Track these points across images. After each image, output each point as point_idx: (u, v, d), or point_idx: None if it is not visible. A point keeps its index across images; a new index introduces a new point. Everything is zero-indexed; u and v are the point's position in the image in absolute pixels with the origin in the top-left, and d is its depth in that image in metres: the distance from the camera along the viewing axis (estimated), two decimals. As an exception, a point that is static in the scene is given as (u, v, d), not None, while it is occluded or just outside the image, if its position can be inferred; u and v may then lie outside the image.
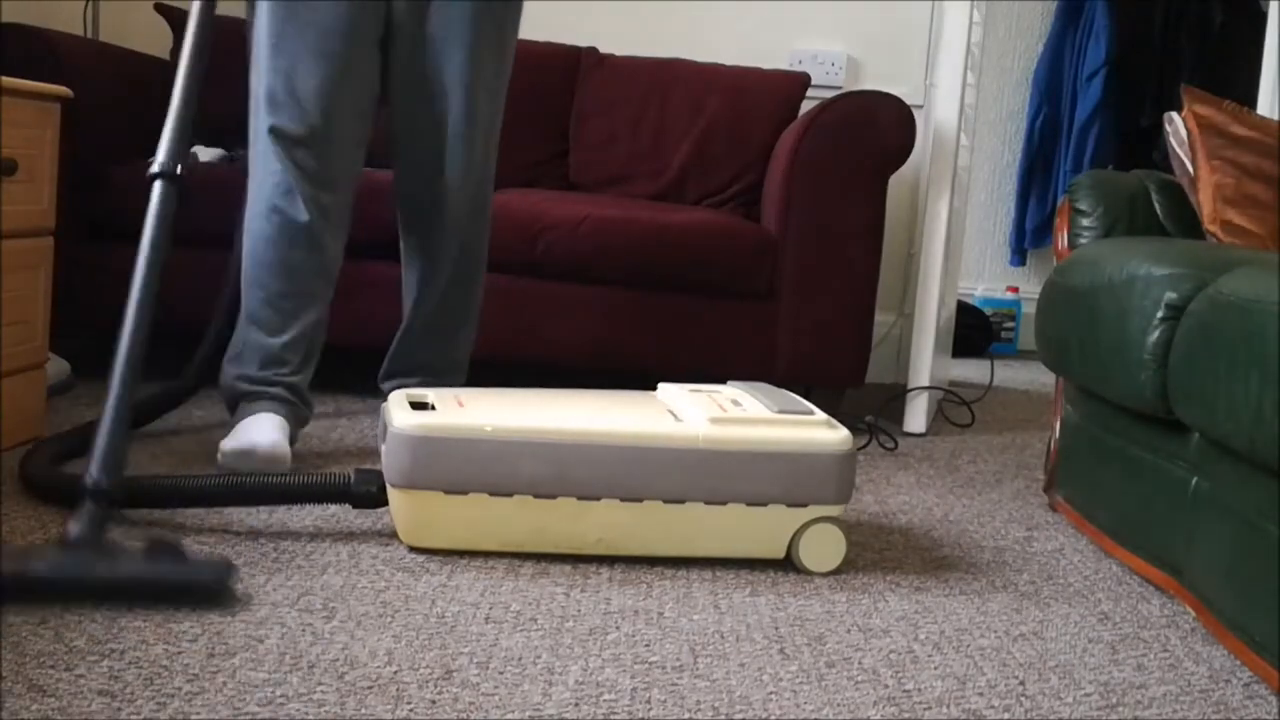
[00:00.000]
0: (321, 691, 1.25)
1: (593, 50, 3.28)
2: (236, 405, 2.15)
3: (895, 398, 2.96)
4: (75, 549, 1.49)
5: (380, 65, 2.21)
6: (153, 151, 2.74)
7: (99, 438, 1.58)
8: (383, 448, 1.74)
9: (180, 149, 1.87)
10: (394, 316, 2.44)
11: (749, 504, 1.73)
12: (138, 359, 1.69)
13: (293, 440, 2.11)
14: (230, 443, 2.01)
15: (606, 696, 1.29)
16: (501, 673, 1.33)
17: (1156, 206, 2.27)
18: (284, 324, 2.13)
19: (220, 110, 3.02)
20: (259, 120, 2.14)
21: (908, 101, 2.74)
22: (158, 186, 1.81)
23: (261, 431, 2.02)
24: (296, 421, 2.15)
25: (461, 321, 2.36)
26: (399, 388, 2.00)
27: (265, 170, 2.13)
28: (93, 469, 1.55)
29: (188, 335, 2.35)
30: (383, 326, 2.50)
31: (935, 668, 1.44)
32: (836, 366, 2.74)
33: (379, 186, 2.40)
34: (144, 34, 3.20)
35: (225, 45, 3.08)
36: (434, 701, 1.25)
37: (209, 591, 1.48)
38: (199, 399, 2.40)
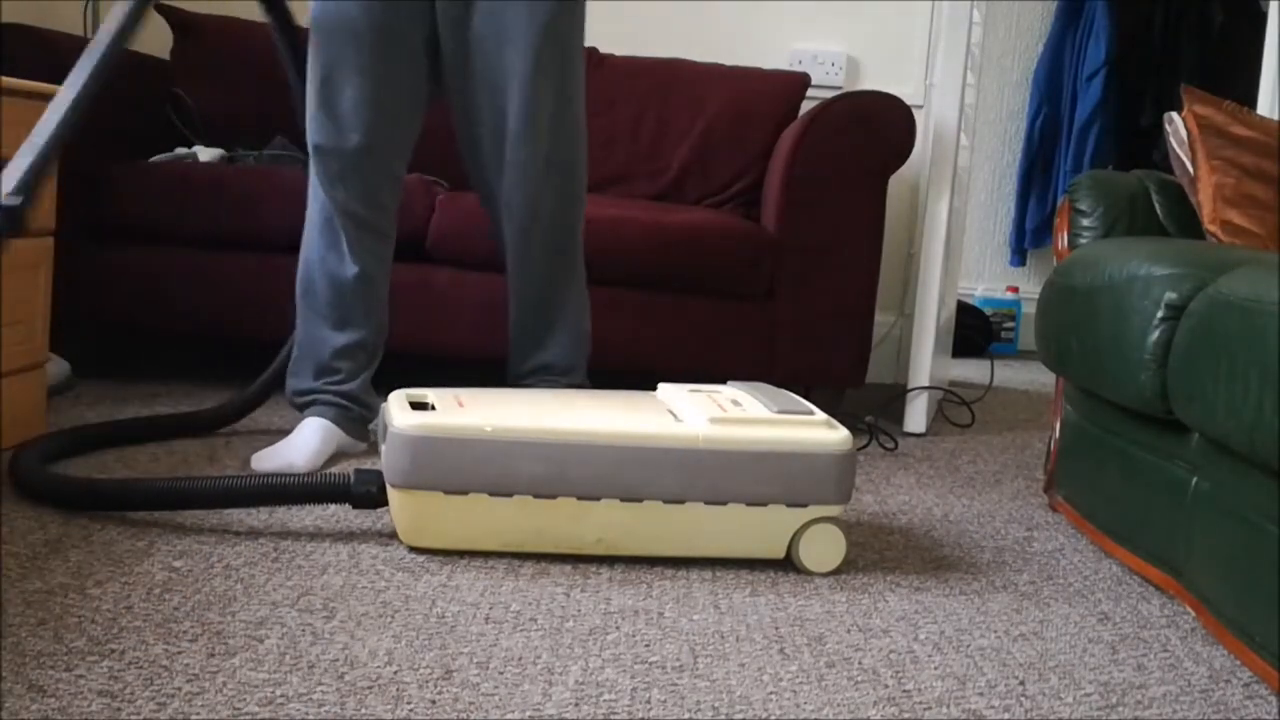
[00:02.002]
0: (321, 691, 1.25)
1: (593, 50, 3.27)
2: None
3: (895, 398, 2.96)
4: None
5: (429, 70, 2.20)
6: (153, 151, 2.75)
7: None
8: (383, 448, 1.74)
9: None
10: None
11: (749, 504, 1.73)
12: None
13: (360, 439, 2.21)
14: (261, 462, 2.07)
15: (606, 696, 1.29)
16: (501, 673, 1.33)
17: (1156, 206, 2.27)
18: (332, 335, 2.19)
19: (220, 110, 3.04)
20: (307, 135, 2.19)
21: (908, 101, 2.74)
22: None
23: (296, 449, 2.09)
24: (350, 425, 2.19)
25: (556, 319, 2.29)
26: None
27: (314, 187, 2.19)
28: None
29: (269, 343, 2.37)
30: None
31: (935, 668, 1.44)
32: (836, 366, 2.74)
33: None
34: (144, 34, 3.19)
35: (226, 46, 3.10)
36: (434, 701, 1.25)
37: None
38: (199, 401, 2.40)
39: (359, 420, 2.21)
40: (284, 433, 2.17)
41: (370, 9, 2.12)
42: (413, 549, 1.72)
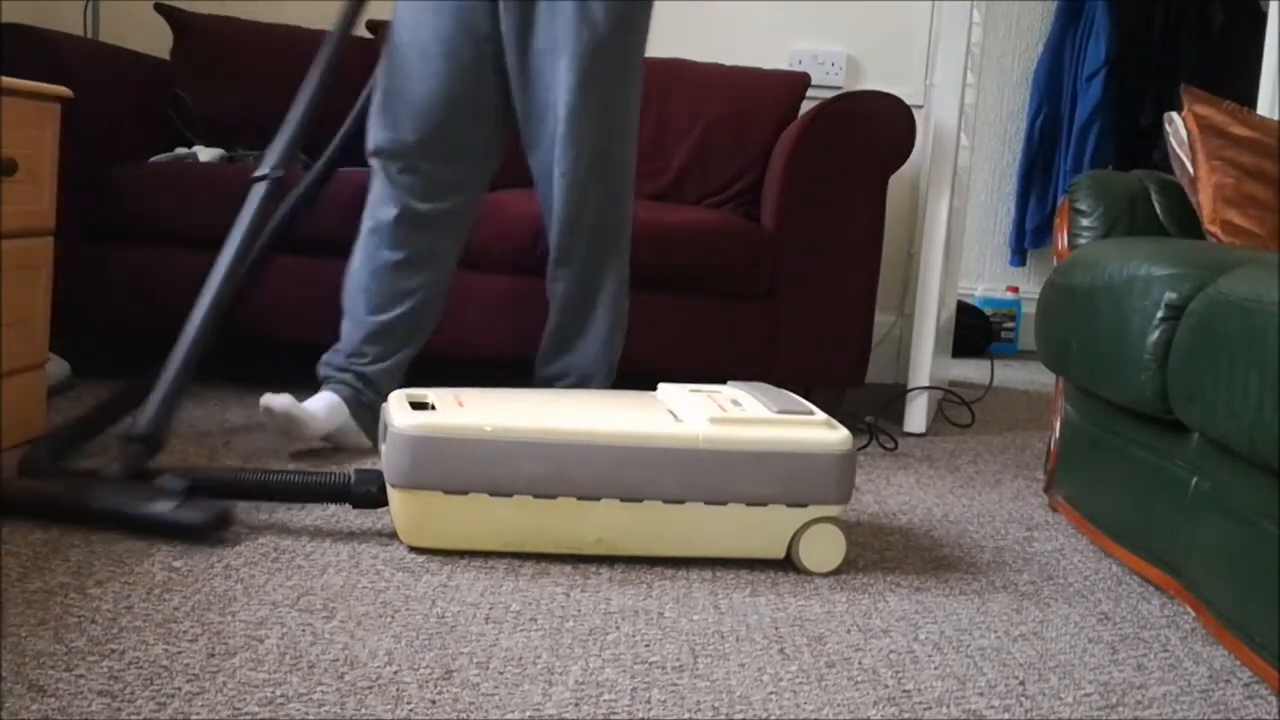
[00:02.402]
0: (321, 691, 1.25)
1: (593, 50, 3.28)
2: None
3: (895, 398, 2.96)
4: (114, 482, 1.75)
5: (496, 82, 2.25)
6: (153, 151, 2.77)
7: (159, 390, 1.86)
8: (383, 448, 1.74)
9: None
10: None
11: (749, 504, 1.73)
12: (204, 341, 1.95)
13: (365, 428, 2.24)
14: (268, 400, 2.17)
15: (606, 696, 1.29)
16: (501, 673, 1.33)
17: (1156, 206, 2.27)
18: (365, 320, 2.26)
19: (220, 110, 3.03)
20: (368, 143, 2.27)
21: (908, 101, 2.73)
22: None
23: (294, 402, 2.17)
24: (358, 410, 2.23)
25: (587, 326, 2.33)
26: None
27: (371, 188, 2.28)
28: (146, 417, 1.81)
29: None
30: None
31: (935, 668, 1.44)
32: (836, 366, 2.74)
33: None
34: (144, 34, 3.20)
35: (226, 46, 3.10)
36: (434, 701, 1.25)
37: (197, 532, 1.69)
38: (200, 401, 2.40)
39: (368, 407, 2.23)
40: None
41: (439, 23, 2.20)
42: (413, 549, 1.72)
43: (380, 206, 2.25)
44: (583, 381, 2.34)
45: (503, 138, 2.31)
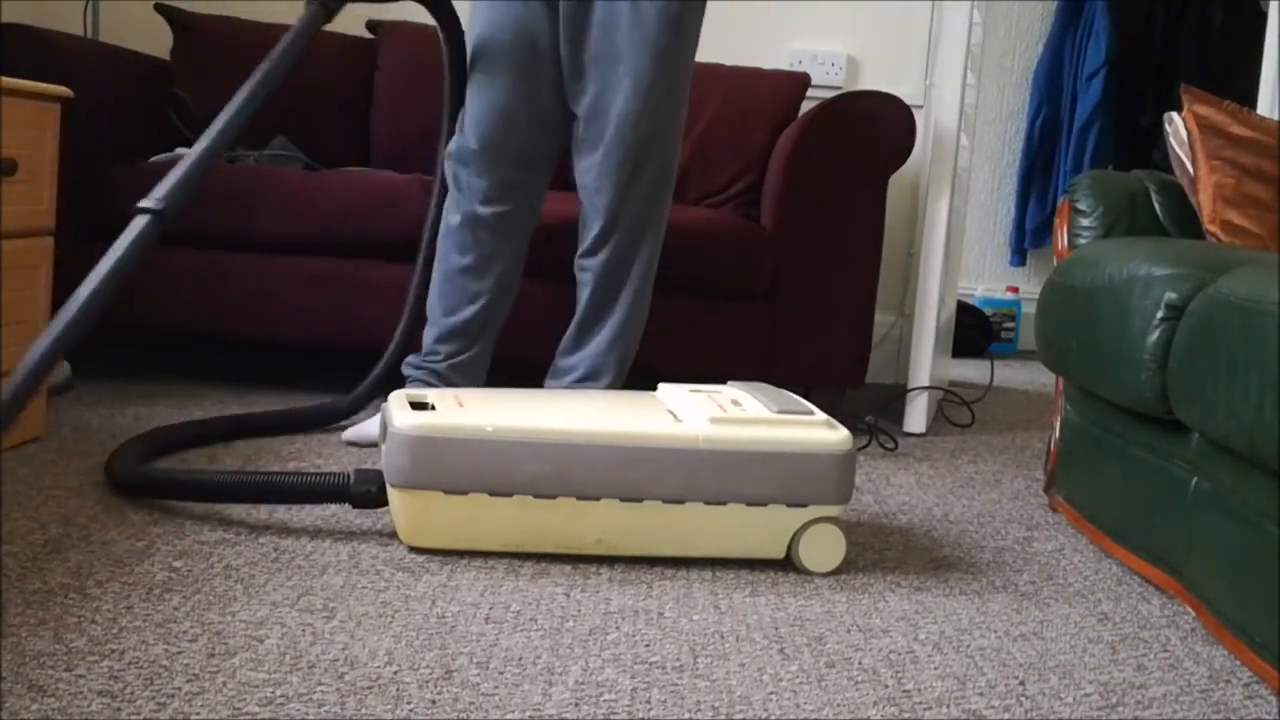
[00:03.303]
0: (321, 691, 1.25)
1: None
2: None
3: (895, 398, 2.96)
4: None
5: (555, 81, 2.29)
6: (153, 151, 2.78)
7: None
8: (383, 448, 1.74)
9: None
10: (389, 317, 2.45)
11: (749, 504, 1.73)
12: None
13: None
14: (348, 435, 2.32)
15: (606, 696, 1.29)
16: (501, 673, 1.33)
17: (1156, 206, 2.27)
18: (439, 321, 2.35)
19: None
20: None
21: (908, 101, 2.73)
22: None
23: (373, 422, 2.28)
24: None
25: (603, 317, 2.36)
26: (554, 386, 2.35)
27: (448, 200, 2.35)
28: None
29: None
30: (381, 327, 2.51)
31: (935, 668, 1.44)
32: (836, 366, 2.74)
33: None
34: (144, 34, 3.20)
35: (226, 46, 3.10)
36: (434, 701, 1.25)
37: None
38: (200, 402, 2.40)
39: None
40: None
41: (500, 34, 2.26)
42: (413, 549, 1.72)
43: (451, 213, 2.32)
44: (593, 375, 2.36)
45: (560, 142, 2.35)
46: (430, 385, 2.32)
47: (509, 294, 2.39)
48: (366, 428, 2.32)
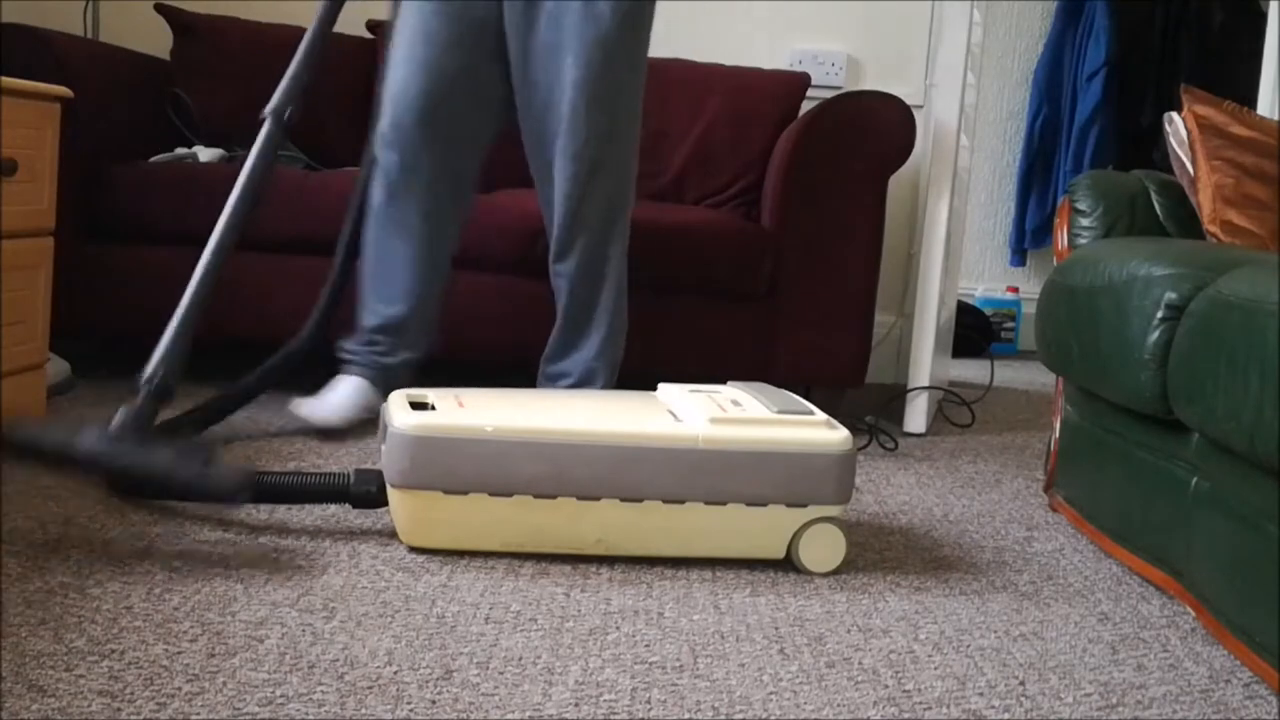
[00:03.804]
0: (321, 691, 1.25)
1: (593, 50, 3.27)
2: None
3: (895, 398, 2.96)
4: (118, 434, 1.69)
5: (498, 72, 2.28)
6: (153, 151, 2.78)
7: (165, 336, 1.82)
8: (383, 448, 1.74)
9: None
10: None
11: (749, 504, 1.73)
12: (214, 276, 1.92)
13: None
14: (296, 408, 2.29)
15: (606, 696, 1.29)
16: (501, 673, 1.33)
17: (1156, 206, 2.27)
18: (378, 308, 2.34)
19: (220, 110, 3.03)
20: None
21: (908, 101, 2.73)
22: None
23: (328, 405, 2.29)
24: (386, 386, 2.30)
25: (586, 320, 2.35)
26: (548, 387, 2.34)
27: (375, 180, 2.32)
28: (153, 363, 1.77)
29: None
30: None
31: (935, 668, 1.44)
32: (836, 367, 2.74)
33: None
34: (144, 34, 3.20)
35: (226, 46, 3.10)
36: (434, 701, 1.25)
37: (220, 496, 1.70)
38: (198, 399, 2.40)
39: (388, 388, 2.32)
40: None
41: (440, 10, 2.23)
42: (413, 549, 1.72)
43: (375, 211, 2.30)
44: (586, 379, 2.35)
45: (494, 130, 2.32)
46: (377, 372, 2.34)
47: (443, 277, 2.38)
48: (315, 405, 2.29)
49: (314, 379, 2.37)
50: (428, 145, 2.25)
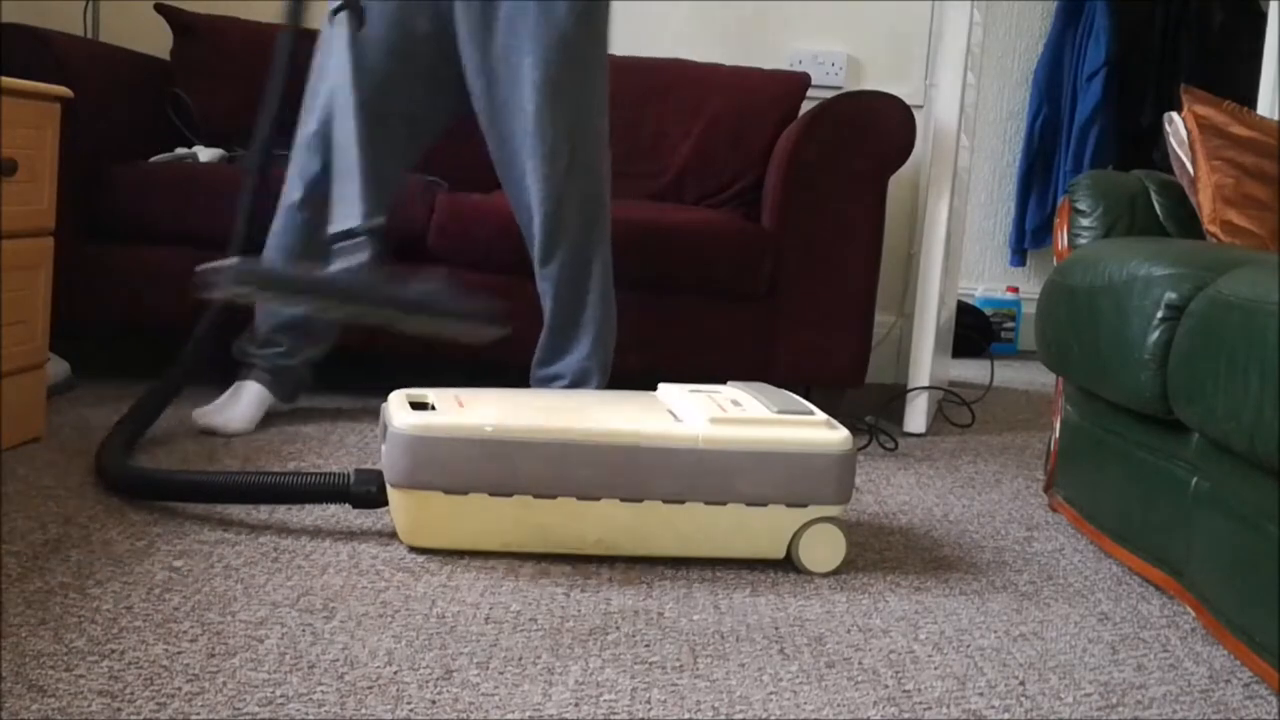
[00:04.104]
0: (321, 691, 1.25)
1: (593, 50, 3.27)
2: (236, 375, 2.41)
3: (895, 398, 2.96)
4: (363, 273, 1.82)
5: (444, 78, 2.27)
6: (153, 151, 2.78)
7: (351, 181, 1.90)
8: (383, 448, 1.74)
9: None
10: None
11: (749, 504, 1.73)
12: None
13: (288, 399, 2.45)
14: (200, 417, 2.30)
15: (606, 696, 1.29)
16: (501, 673, 1.33)
17: (1156, 206, 2.27)
18: (278, 309, 2.36)
19: (220, 110, 3.03)
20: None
21: (908, 101, 2.73)
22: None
23: (232, 416, 2.31)
24: (280, 387, 2.41)
25: (575, 323, 2.34)
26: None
27: (290, 169, 2.32)
28: (360, 210, 1.86)
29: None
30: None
31: (935, 668, 1.44)
32: (836, 367, 2.74)
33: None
34: (144, 34, 3.20)
35: (226, 46, 3.10)
36: (434, 701, 1.25)
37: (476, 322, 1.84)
38: (199, 403, 2.40)
39: (292, 385, 2.43)
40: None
41: (386, 10, 2.21)
42: (413, 549, 1.72)
43: (287, 208, 2.32)
44: (579, 380, 2.35)
45: (428, 143, 2.35)
46: (275, 375, 2.38)
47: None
48: (217, 413, 2.31)
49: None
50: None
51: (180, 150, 2.90)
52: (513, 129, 2.23)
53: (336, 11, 2.12)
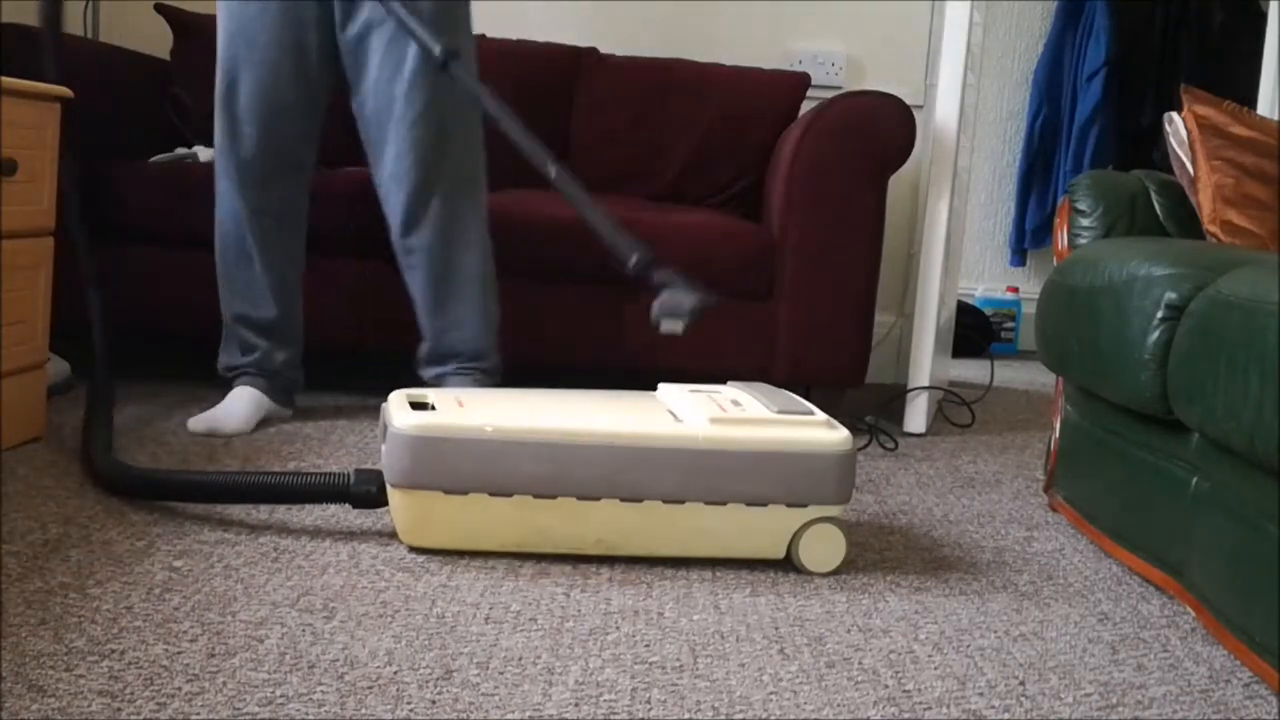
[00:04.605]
0: (321, 691, 1.25)
1: (593, 50, 3.28)
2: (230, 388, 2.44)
3: (895, 398, 2.96)
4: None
5: (327, 70, 2.35)
6: (153, 151, 2.78)
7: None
8: (383, 448, 1.74)
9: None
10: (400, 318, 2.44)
11: (749, 504, 1.73)
12: None
13: (286, 404, 2.47)
14: (197, 424, 2.31)
15: (606, 696, 1.29)
16: (501, 673, 1.33)
17: (1156, 206, 2.27)
18: (249, 316, 2.41)
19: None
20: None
21: (908, 101, 2.74)
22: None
23: (227, 414, 2.34)
24: (276, 394, 2.44)
25: (457, 290, 2.37)
26: (437, 375, 2.39)
27: (219, 186, 2.41)
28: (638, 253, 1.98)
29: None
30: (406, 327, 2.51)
31: (935, 668, 1.44)
32: (836, 366, 2.74)
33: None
34: (144, 34, 3.20)
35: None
36: (434, 701, 1.25)
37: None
38: (199, 402, 2.40)
39: (284, 389, 2.44)
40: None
41: (267, 9, 2.30)
42: (413, 549, 1.73)
43: (230, 217, 2.39)
44: (476, 360, 2.39)
45: (320, 123, 2.41)
46: (268, 378, 2.41)
47: (297, 288, 2.45)
48: (214, 415, 2.33)
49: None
50: (268, 146, 2.34)
51: (180, 150, 2.90)
52: (383, 105, 2.30)
53: None
